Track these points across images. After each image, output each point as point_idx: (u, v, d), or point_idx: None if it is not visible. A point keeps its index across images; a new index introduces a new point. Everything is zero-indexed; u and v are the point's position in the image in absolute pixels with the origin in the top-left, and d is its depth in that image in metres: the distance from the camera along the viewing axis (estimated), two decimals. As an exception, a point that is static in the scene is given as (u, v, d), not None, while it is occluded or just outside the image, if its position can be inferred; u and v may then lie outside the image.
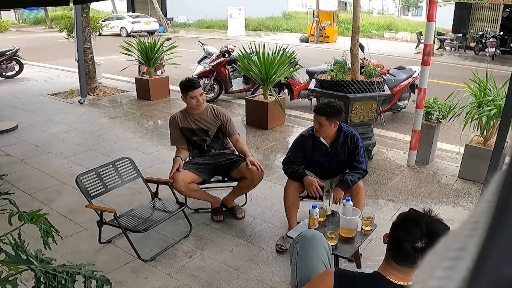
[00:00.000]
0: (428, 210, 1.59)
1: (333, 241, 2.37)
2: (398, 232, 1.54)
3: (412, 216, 1.59)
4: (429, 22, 4.10)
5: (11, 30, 23.77)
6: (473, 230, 0.23)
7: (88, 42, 7.64)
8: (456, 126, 4.95)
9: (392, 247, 1.56)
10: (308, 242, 2.00)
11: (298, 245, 2.02)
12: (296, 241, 2.06)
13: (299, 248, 2.00)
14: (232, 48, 7.38)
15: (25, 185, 4.04)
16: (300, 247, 2.00)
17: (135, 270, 2.80)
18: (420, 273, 0.25)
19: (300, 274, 1.93)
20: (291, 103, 7.08)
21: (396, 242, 1.53)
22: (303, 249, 1.98)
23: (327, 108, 2.89)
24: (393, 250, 1.56)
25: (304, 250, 1.98)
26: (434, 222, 1.53)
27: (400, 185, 4.15)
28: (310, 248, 1.97)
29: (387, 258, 1.59)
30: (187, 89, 3.36)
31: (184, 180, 3.17)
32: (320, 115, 2.89)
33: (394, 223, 1.59)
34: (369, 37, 18.83)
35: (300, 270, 1.94)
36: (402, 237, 1.51)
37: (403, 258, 1.52)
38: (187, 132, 3.45)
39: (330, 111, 2.88)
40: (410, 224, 1.52)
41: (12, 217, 1.76)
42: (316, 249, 1.97)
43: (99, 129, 5.86)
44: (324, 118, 2.88)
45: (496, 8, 15.91)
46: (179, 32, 23.63)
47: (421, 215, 1.56)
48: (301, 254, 1.98)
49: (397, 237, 1.54)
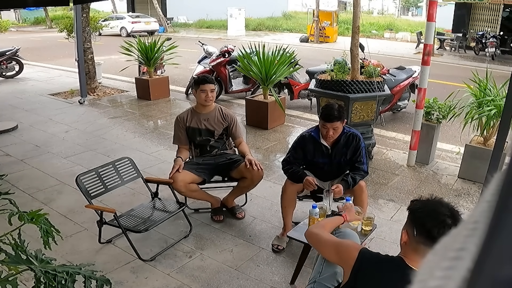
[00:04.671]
0: (431, 196, 1.65)
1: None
2: (425, 217, 1.55)
3: (430, 200, 1.63)
4: (429, 22, 4.10)
5: (11, 30, 23.77)
6: (473, 230, 0.23)
7: (88, 42, 7.64)
8: (456, 126, 4.95)
9: (424, 233, 1.55)
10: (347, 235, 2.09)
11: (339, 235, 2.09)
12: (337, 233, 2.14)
13: None
14: (232, 48, 7.39)
15: (25, 185, 4.04)
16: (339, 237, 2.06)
17: (135, 270, 2.80)
18: (420, 273, 0.25)
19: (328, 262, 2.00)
20: (291, 103, 7.08)
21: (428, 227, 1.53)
22: None
23: (338, 112, 2.82)
24: (425, 235, 1.54)
25: None
26: (448, 203, 1.61)
27: (400, 185, 4.14)
28: None
29: (416, 247, 1.58)
30: (199, 83, 3.39)
31: (184, 181, 3.17)
32: (335, 121, 2.80)
33: (417, 211, 1.60)
34: (369, 37, 18.84)
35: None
36: (433, 219, 1.52)
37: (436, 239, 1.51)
38: (193, 131, 3.45)
39: (341, 113, 2.84)
40: (435, 207, 1.56)
41: (12, 217, 1.76)
42: None
43: (99, 129, 5.86)
44: (339, 122, 2.83)
45: (496, 8, 15.91)
46: (179, 32, 23.63)
47: (435, 198, 1.63)
48: None
49: (426, 221, 1.54)
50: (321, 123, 2.89)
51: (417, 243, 1.58)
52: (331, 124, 2.81)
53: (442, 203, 1.58)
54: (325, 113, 2.83)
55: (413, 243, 1.59)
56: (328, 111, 2.83)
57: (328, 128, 2.83)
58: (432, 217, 1.53)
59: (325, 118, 2.83)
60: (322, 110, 2.90)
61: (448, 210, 1.54)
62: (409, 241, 1.61)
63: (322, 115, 2.87)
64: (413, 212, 1.62)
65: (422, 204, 1.61)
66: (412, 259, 1.60)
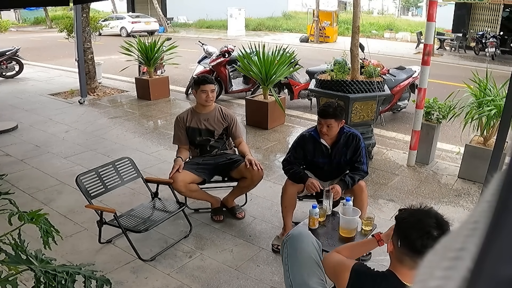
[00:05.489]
0: (420, 205, 1.60)
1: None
2: (410, 229, 1.50)
3: (418, 210, 1.58)
4: (429, 22, 4.10)
5: (11, 30, 23.77)
6: (473, 230, 0.23)
7: (88, 42, 7.64)
8: (456, 126, 4.95)
9: (408, 245, 1.51)
10: (296, 241, 2.02)
11: (286, 244, 2.04)
12: (285, 241, 2.08)
13: (288, 247, 2.02)
14: (232, 48, 7.38)
15: (25, 185, 4.04)
16: (289, 246, 2.02)
17: (135, 270, 2.80)
18: (420, 273, 0.25)
19: (292, 273, 1.95)
20: (291, 103, 7.08)
21: (412, 238, 1.48)
22: (292, 248, 2.00)
23: (334, 110, 2.85)
24: (409, 247, 1.50)
25: (293, 249, 2.00)
26: (437, 213, 1.54)
27: (400, 185, 4.14)
28: (298, 246, 1.99)
29: (401, 258, 1.55)
30: (199, 83, 3.38)
31: (184, 181, 3.17)
32: (329, 118, 2.84)
33: (402, 222, 1.56)
34: (369, 37, 18.83)
35: (292, 269, 1.96)
36: (418, 231, 1.47)
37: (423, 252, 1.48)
38: (193, 131, 3.45)
39: (337, 112, 2.86)
40: (421, 218, 1.51)
41: (12, 217, 1.76)
42: (305, 247, 1.98)
43: (99, 129, 5.86)
44: (333, 120, 2.85)
45: (496, 8, 15.91)
46: (179, 32, 23.62)
47: (424, 208, 1.57)
48: (290, 253, 2.00)
49: (411, 233, 1.49)
50: (318, 119, 2.97)
51: (402, 254, 1.54)
52: (325, 120, 2.87)
53: (430, 213, 1.52)
54: (321, 109, 2.93)
55: (398, 254, 1.56)
56: (325, 107, 2.91)
57: (322, 124, 2.89)
58: (417, 228, 1.48)
59: (320, 114, 2.93)
60: (320, 106, 3.02)
61: (435, 221, 1.48)
62: (394, 252, 1.58)
63: (319, 110, 2.99)
64: (398, 222, 1.58)
65: (408, 214, 1.57)
66: (402, 272, 1.56)
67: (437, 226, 1.47)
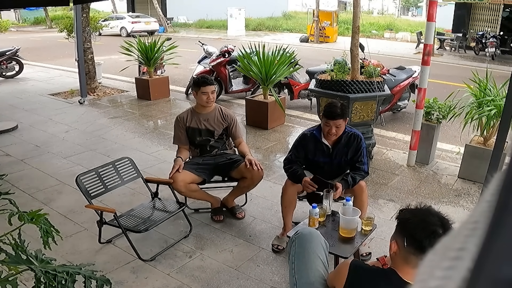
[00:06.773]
0: (419, 204, 1.61)
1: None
2: (415, 228, 1.52)
3: (419, 209, 1.59)
4: (429, 22, 4.10)
5: (11, 30, 23.77)
6: (473, 230, 0.23)
7: (88, 42, 7.64)
8: (456, 126, 4.95)
9: (414, 244, 1.52)
10: (305, 240, 2.00)
11: (295, 243, 2.02)
12: (293, 239, 2.05)
13: (297, 246, 2.00)
14: (232, 48, 7.39)
15: (25, 185, 4.04)
16: (298, 245, 1.99)
17: (135, 270, 2.80)
18: (420, 273, 0.25)
19: (299, 272, 1.93)
20: (291, 103, 7.08)
21: (420, 238, 1.50)
22: (301, 247, 1.98)
23: (341, 109, 2.82)
24: (415, 246, 1.52)
25: (301, 248, 1.98)
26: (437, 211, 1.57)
27: (400, 185, 4.14)
28: (307, 246, 1.97)
29: (407, 257, 1.56)
30: (199, 84, 3.37)
31: (184, 181, 3.17)
32: (338, 118, 2.81)
33: (407, 222, 1.57)
34: (369, 37, 18.83)
35: (299, 268, 1.94)
36: (424, 230, 1.49)
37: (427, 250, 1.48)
38: (193, 132, 3.45)
39: (344, 111, 2.85)
40: (424, 217, 1.53)
41: (12, 217, 1.76)
42: (313, 247, 1.97)
43: (99, 129, 5.86)
44: (342, 120, 2.84)
45: (496, 8, 15.91)
46: (179, 32, 23.62)
47: (424, 207, 1.59)
48: (298, 252, 1.97)
49: (417, 232, 1.51)
50: (323, 121, 2.89)
51: (408, 254, 1.55)
52: (334, 122, 2.82)
53: (432, 212, 1.55)
54: (328, 111, 2.84)
55: (404, 253, 1.57)
56: (331, 108, 2.84)
57: (331, 126, 2.84)
58: (422, 228, 1.50)
59: (328, 116, 2.84)
60: (325, 108, 2.90)
61: (438, 220, 1.51)
62: (399, 252, 1.59)
63: (325, 112, 2.87)
64: (402, 223, 1.59)
65: (411, 214, 1.58)
66: (404, 271, 1.57)
67: (441, 224, 1.50)
